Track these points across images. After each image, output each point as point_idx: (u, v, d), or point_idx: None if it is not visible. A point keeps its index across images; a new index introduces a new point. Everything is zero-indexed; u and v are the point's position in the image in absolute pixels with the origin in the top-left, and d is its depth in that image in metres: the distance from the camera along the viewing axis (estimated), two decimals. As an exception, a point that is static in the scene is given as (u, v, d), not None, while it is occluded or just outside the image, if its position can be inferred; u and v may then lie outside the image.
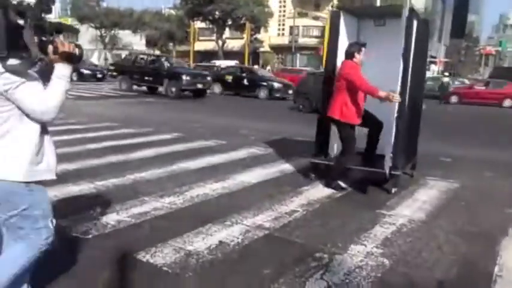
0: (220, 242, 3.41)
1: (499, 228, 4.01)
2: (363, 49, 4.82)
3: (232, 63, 32.03)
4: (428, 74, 27.40)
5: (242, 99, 19.52)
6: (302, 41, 45.18)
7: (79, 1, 54.25)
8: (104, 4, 53.22)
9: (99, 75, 26.09)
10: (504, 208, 4.65)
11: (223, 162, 6.18)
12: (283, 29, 50.79)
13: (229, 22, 42.32)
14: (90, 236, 3.38)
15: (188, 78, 17.64)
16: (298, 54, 44.31)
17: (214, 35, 43.40)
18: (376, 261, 3.20)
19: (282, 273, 2.94)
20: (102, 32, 51.66)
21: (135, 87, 19.33)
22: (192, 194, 4.60)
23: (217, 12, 40.51)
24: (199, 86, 18.30)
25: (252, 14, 40.38)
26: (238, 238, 3.50)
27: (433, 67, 41.82)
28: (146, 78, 18.30)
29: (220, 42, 42.81)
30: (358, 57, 4.78)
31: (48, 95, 1.92)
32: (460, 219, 4.24)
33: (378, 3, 21.33)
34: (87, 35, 51.64)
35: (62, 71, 1.97)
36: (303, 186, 5.11)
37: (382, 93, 4.54)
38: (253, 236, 3.57)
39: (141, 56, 20.16)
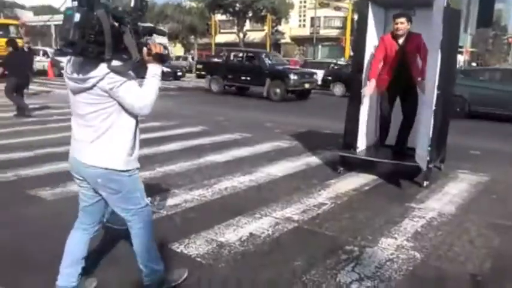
0: (251, 233, 3.47)
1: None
2: (395, 19, 4.95)
3: None
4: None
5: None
6: (323, 32, 44.69)
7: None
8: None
9: (179, 73, 24.06)
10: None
11: (249, 155, 6.24)
12: (304, 20, 50.34)
13: (250, 14, 42.14)
14: (124, 227, 3.48)
15: (296, 77, 15.04)
16: (319, 46, 43.85)
17: (235, 27, 43.35)
18: (407, 255, 3.20)
19: (313, 265, 2.97)
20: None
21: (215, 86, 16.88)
22: (220, 187, 4.67)
23: (237, 5, 40.39)
24: (307, 86, 15.77)
25: (272, 5, 40.10)
26: (268, 230, 3.55)
27: (459, 57, 40.78)
28: (243, 78, 15.89)
29: (241, 35, 42.75)
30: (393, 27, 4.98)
31: (145, 92, 2.13)
32: (492, 213, 4.18)
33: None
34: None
35: (155, 71, 2.18)
36: (330, 179, 5.11)
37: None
38: (283, 229, 3.61)
39: (236, 53, 17.44)
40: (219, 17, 43.06)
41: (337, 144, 6.02)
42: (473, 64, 30.98)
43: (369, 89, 5.05)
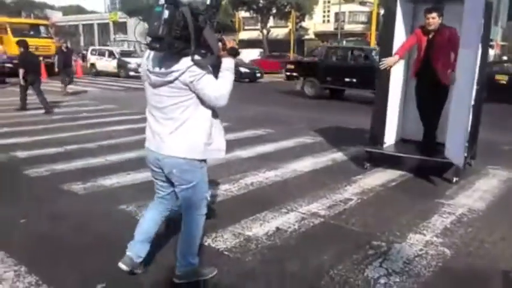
0: (278, 228, 3.49)
1: None
2: (426, 14, 4.88)
3: (256, 52, 30.59)
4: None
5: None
6: (348, 27, 44.11)
7: (127, -6, 55.84)
8: (151, -3, 54.39)
9: (258, 74, 21.64)
10: None
11: (275, 151, 6.26)
12: (328, 16, 49.77)
13: (274, 11, 42.03)
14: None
15: None
16: (344, 41, 43.35)
17: (259, 23, 43.31)
18: (437, 251, 3.15)
19: (341, 259, 2.97)
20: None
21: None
22: (246, 182, 4.71)
23: (261, 1, 40.35)
24: None
25: (297, 1, 39.88)
26: (294, 225, 3.57)
27: (490, 51, 39.58)
28: (347, 80, 13.28)
29: (264, 31, 42.70)
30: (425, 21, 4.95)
31: (221, 84, 2.24)
32: (525, 210, 4.07)
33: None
34: (136, 28, 53.12)
35: (229, 64, 2.29)
36: (356, 175, 5.08)
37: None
38: (309, 224, 3.62)
39: (337, 50, 15.11)
40: (242, 13, 43.12)
41: (364, 140, 5.95)
42: (504, 58, 29.97)
43: (389, 61, 5.06)
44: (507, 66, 16.28)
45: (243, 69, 20.38)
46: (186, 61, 2.11)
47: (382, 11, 15.72)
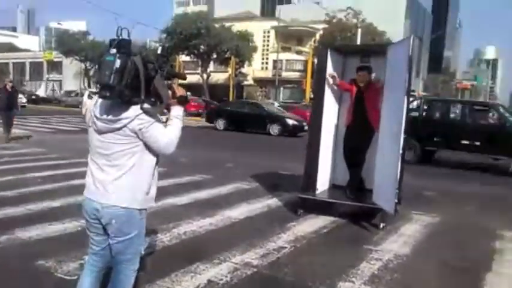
0: (209, 281, 3.39)
1: (483, 263, 4.08)
2: (358, 71, 5.46)
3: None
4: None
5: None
6: (285, 74, 46.08)
7: (64, 34, 54.65)
8: (91, 37, 53.56)
9: (304, 125, 17.58)
10: (485, 243, 4.73)
11: (211, 198, 6.19)
12: (266, 63, 51.84)
13: (214, 56, 43.02)
14: (75, 278, 3.31)
15: None
16: (281, 88, 45.07)
17: (199, 68, 43.98)
18: (365, 299, 3.21)
19: (272, 312, 2.92)
20: (87, 64, 51.77)
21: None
22: (179, 231, 4.57)
23: (202, 47, 41.20)
24: None
25: (236, 48, 41.19)
26: (226, 277, 3.48)
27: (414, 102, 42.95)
28: (466, 142, 10.37)
29: (205, 76, 43.34)
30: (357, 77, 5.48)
31: (170, 132, 2.23)
32: (445, 254, 4.31)
33: (359, 41, 22.08)
34: (71, 68, 51.67)
35: (178, 112, 2.29)
36: (290, 221, 5.13)
37: None
38: (242, 275, 3.55)
39: (444, 104, 12.10)
40: (183, 58, 43.62)
41: (297, 186, 6.09)
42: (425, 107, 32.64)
43: (331, 76, 5.54)
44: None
45: (291, 122, 18.25)
46: (135, 109, 2.11)
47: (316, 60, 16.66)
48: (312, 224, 5.08)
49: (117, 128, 2.14)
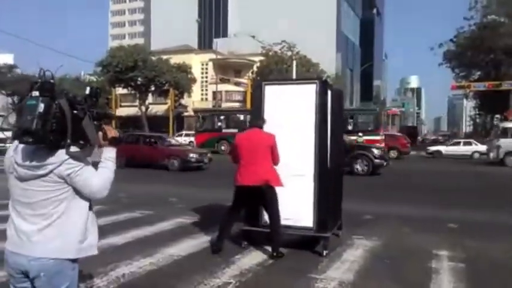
0: (150, 326, 3.19)
1: (424, 285, 4.23)
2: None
3: None
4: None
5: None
6: (225, 105, 46.52)
7: (-12, 68, 51.50)
8: (18, 71, 50.86)
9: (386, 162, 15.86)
10: (423, 263, 4.92)
11: (152, 235, 5.94)
12: (206, 94, 52.15)
13: (152, 88, 42.56)
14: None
15: None
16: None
17: (137, 100, 43.19)
18: (312, 331, 3.18)
19: None
20: (15, 99, 48.87)
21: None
22: (118, 274, 4.31)
23: (139, 79, 40.65)
24: None
25: (175, 79, 41.12)
26: (169, 320, 3.31)
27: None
28: None
29: (143, 108, 42.58)
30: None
31: (102, 175, 2.12)
32: (386, 278, 4.42)
33: (294, 72, 22.92)
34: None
35: (110, 154, 2.19)
36: (235, 255, 5.04)
37: None
38: (186, 316, 3.40)
39: None
40: (120, 90, 42.70)
41: (241, 217, 6.03)
42: (360, 134, 34.31)
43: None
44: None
45: (376, 152, 15.41)
46: (61, 153, 1.97)
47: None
48: (256, 257, 5.01)
49: (42, 174, 1.99)
